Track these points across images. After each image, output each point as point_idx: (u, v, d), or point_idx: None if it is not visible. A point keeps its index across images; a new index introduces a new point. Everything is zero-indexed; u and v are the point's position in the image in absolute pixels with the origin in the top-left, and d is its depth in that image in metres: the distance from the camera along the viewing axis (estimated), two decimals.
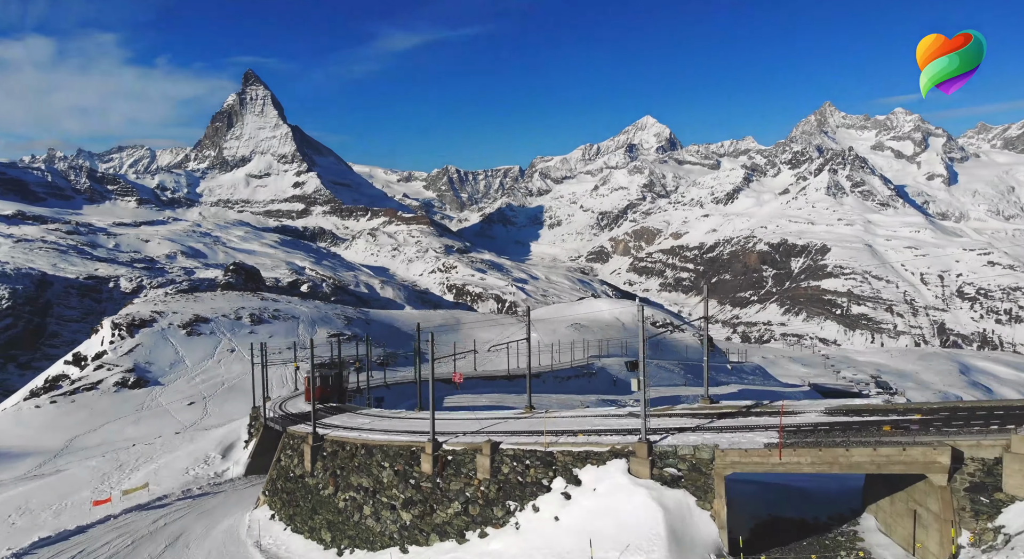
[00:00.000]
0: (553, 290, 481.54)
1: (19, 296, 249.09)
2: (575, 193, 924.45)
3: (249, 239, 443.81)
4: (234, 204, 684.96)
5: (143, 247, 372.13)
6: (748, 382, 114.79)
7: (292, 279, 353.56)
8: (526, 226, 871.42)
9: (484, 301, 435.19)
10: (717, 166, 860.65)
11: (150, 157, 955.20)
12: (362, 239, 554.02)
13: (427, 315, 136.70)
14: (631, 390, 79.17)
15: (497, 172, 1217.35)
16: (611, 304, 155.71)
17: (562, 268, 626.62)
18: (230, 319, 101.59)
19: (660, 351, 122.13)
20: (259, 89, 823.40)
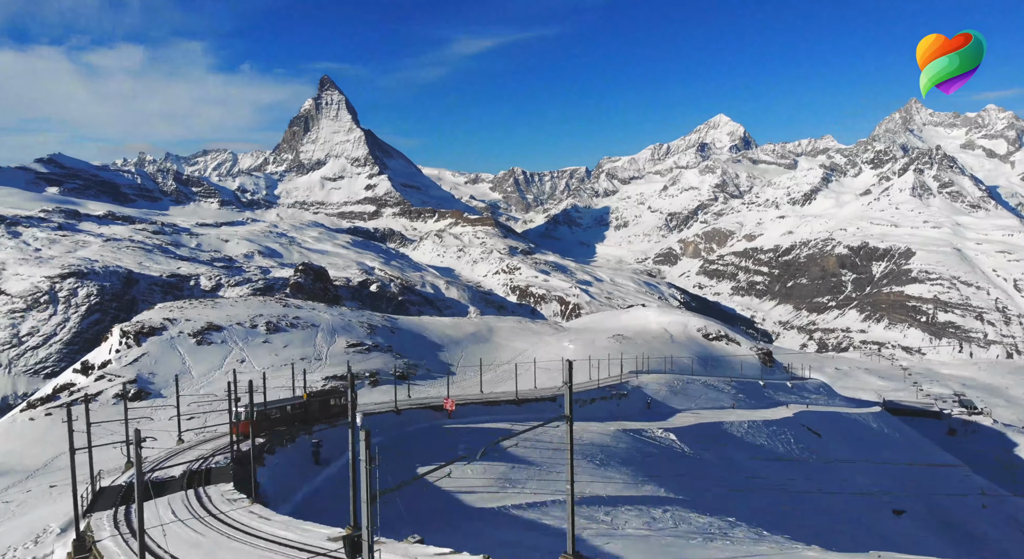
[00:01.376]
0: (618, 292, 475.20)
1: (107, 293, 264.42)
2: (643, 193, 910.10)
3: (323, 240, 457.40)
4: (309, 206, 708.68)
5: (223, 247, 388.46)
6: (810, 402, 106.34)
7: (362, 279, 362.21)
8: (591, 227, 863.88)
9: (547, 303, 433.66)
10: (794, 166, 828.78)
11: (232, 160, 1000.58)
12: (429, 240, 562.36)
13: (458, 323, 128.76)
14: (668, 414, 73.03)
15: (563, 173, 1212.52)
16: (659, 314, 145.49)
17: (628, 270, 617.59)
18: (245, 327, 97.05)
19: (710, 367, 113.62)
20: (334, 94, 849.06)
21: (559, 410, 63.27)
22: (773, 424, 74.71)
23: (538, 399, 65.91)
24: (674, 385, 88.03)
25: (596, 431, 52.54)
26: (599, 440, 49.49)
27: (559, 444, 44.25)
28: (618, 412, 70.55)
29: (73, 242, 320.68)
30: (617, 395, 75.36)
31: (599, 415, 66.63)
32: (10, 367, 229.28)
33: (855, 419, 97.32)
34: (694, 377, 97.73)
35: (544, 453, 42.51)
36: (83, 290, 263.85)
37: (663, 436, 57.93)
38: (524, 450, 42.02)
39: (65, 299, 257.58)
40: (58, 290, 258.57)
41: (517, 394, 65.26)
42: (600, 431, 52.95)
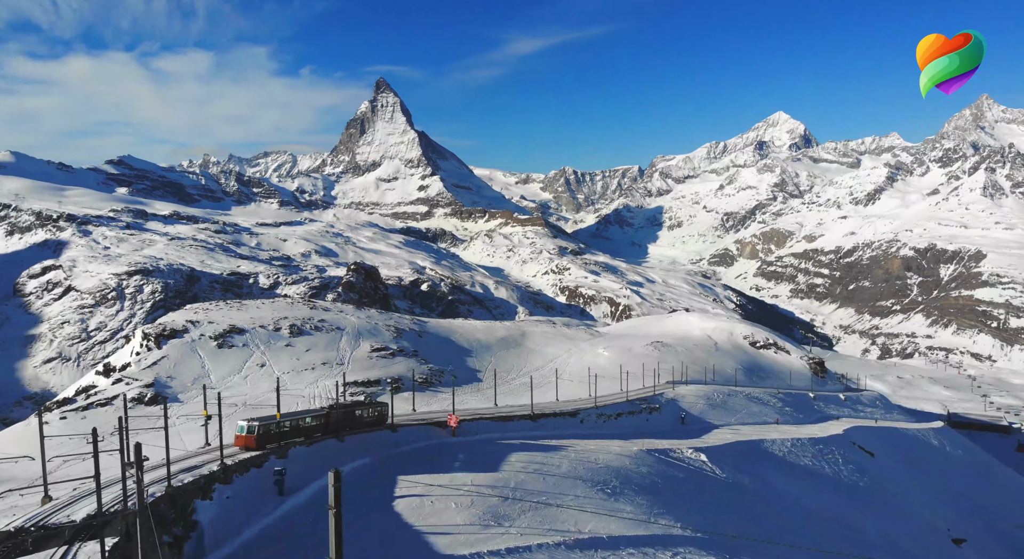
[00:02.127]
0: (670, 294, 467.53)
1: (170, 290, 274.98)
2: (698, 193, 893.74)
3: (376, 240, 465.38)
4: (365, 206, 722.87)
5: (281, 246, 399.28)
6: (865, 415, 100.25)
7: (413, 278, 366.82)
8: (644, 227, 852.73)
9: (597, 304, 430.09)
10: (857, 164, 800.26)
11: (292, 162, 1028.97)
12: (479, 240, 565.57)
13: (490, 327, 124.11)
14: (703, 430, 67.84)
15: (615, 172, 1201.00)
16: (703, 320, 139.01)
17: (681, 271, 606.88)
18: (268, 330, 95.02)
19: (757, 377, 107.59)
20: (389, 96, 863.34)
21: (580, 428, 60.28)
22: (820, 442, 69.25)
23: (557, 414, 61.00)
24: (714, 398, 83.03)
25: (616, 452, 48.03)
26: (617, 463, 45.02)
27: (569, 470, 40.64)
28: (647, 428, 66.18)
29: (140, 241, 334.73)
30: (648, 409, 70.81)
31: (625, 431, 62.24)
32: (78, 361, 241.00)
33: (914, 435, 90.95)
34: (737, 389, 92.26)
35: (549, 481, 37.81)
36: (148, 287, 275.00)
37: (693, 457, 53.53)
38: (526, 477, 37.64)
39: (131, 295, 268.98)
40: (125, 287, 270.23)
41: (533, 409, 60.36)
42: (620, 451, 48.40)
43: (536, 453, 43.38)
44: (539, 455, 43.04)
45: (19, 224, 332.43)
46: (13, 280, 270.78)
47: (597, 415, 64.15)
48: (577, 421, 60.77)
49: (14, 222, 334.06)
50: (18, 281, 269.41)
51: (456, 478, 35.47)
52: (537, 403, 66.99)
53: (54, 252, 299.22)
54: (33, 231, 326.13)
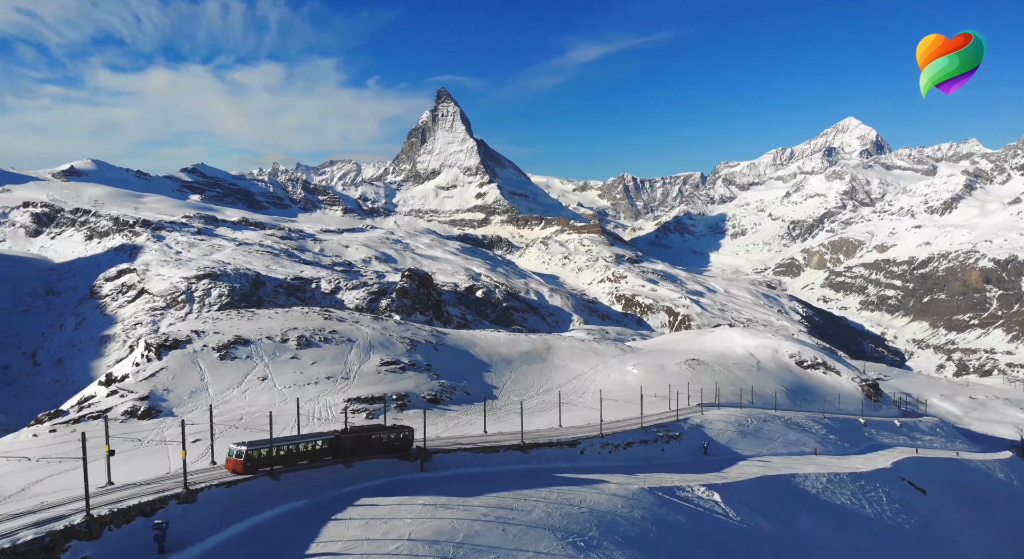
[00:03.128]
0: (732, 304, 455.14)
1: (236, 293, 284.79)
2: (763, 200, 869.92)
3: (434, 246, 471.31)
4: (424, 213, 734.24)
5: (343, 252, 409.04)
6: (923, 444, 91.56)
7: (469, 285, 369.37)
8: (705, 235, 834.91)
9: (654, 313, 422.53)
10: (932, 171, 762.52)
11: (356, 171, 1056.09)
12: (535, 247, 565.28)
13: (513, 340, 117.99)
14: (729, 461, 61.91)
15: (676, 179, 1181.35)
16: (746, 336, 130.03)
17: (744, 281, 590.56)
18: (274, 341, 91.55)
19: (801, 400, 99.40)
20: (450, 106, 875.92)
21: (578, 460, 53.58)
22: (862, 477, 61.85)
23: (553, 444, 53.89)
24: (746, 423, 75.53)
25: (610, 491, 41.72)
26: (605, 505, 38.41)
27: (540, 517, 34.99)
28: (661, 459, 59.40)
29: (209, 246, 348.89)
30: (665, 437, 63.66)
31: (633, 464, 55.64)
32: None
33: (976, 468, 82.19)
34: (776, 413, 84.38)
35: (510, 532, 32.18)
36: (216, 290, 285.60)
37: (704, 496, 46.87)
38: (483, 527, 32.24)
39: (200, 298, 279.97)
40: (194, 290, 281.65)
41: (523, 438, 52.90)
42: (616, 490, 41.93)
43: (509, 493, 37.79)
44: (511, 497, 37.44)
45: (98, 229, 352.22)
46: (91, 283, 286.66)
47: (602, 445, 57.19)
48: (576, 452, 54.02)
49: (93, 227, 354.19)
50: (95, 283, 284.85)
51: (392, 529, 30.55)
52: (537, 429, 61.47)
53: (129, 256, 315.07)
54: (110, 236, 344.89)
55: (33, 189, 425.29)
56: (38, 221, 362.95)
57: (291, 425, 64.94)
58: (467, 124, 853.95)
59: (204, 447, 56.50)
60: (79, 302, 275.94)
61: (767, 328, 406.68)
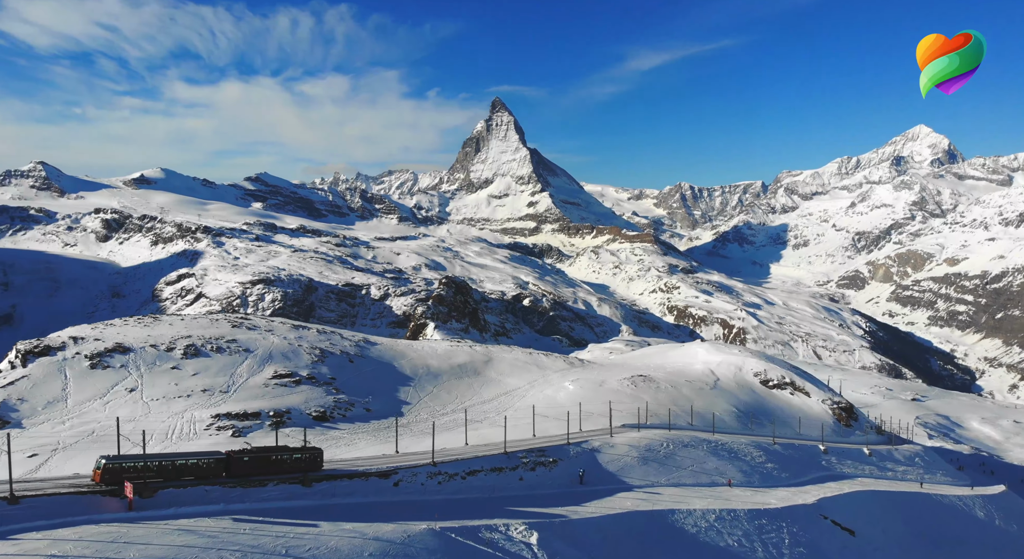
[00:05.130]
0: (791, 317, 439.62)
1: (289, 298, 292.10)
2: (826, 210, 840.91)
3: (483, 254, 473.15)
4: (476, 222, 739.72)
5: (395, 259, 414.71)
6: (895, 475, 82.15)
7: (516, 293, 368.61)
8: (766, 246, 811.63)
9: (708, 325, 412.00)
10: (1008, 182, 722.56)
11: (413, 180, 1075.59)
12: (585, 256, 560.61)
13: (450, 352, 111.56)
14: (607, 492, 54.13)
15: (735, 188, 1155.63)
16: (710, 352, 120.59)
17: (805, 294, 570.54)
18: (158, 350, 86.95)
19: (755, 422, 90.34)
20: (504, 115, 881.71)
21: (387, 494, 45.76)
22: (766, 515, 53.38)
23: (357, 474, 46.63)
24: (658, 448, 67.58)
25: (375, 534, 34.87)
26: (348, 552, 32.08)
27: None
28: (514, 489, 52.14)
29: (266, 252, 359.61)
30: (531, 464, 56.14)
31: (468, 496, 48.64)
32: None
33: (950, 505, 72.07)
34: (709, 436, 76.00)
35: None
36: (269, 295, 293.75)
37: (518, 538, 39.43)
38: None
39: (254, 303, 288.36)
40: (249, 295, 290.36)
41: (304, 470, 44.33)
42: (386, 535, 34.97)
43: (223, 551, 30.43)
44: (204, 540, 31.20)
45: (162, 235, 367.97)
46: (153, 287, 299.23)
47: (431, 474, 49.18)
48: (388, 484, 46.64)
49: (158, 233, 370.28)
50: (156, 287, 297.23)
51: None
52: (417, 451, 54.95)
53: (190, 261, 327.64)
54: (174, 241, 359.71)
55: (105, 196, 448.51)
56: (108, 227, 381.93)
57: (147, 442, 59.81)
58: (520, 133, 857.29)
59: (37, 462, 54.17)
60: (141, 305, 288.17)
61: (827, 342, 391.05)
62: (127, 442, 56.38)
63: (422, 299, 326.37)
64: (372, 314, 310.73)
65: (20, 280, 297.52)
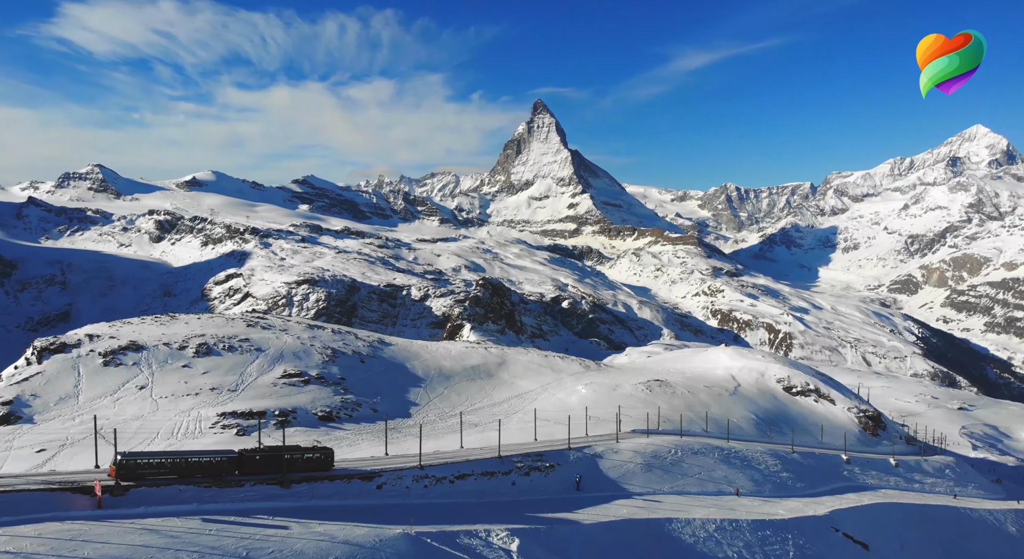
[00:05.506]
0: (840, 323, 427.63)
1: (332, 298, 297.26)
2: (878, 212, 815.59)
3: (522, 256, 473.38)
4: (516, 224, 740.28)
5: (435, 260, 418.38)
6: (923, 487, 78.67)
7: (555, 295, 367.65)
8: (814, 249, 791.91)
9: (753, 330, 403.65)
10: None
11: (455, 182, 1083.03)
12: (626, 259, 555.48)
13: (464, 354, 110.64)
14: (604, 499, 52.43)
15: (783, 189, 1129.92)
16: (732, 357, 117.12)
17: (855, 298, 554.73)
18: (171, 349, 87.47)
19: (774, 430, 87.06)
20: (545, 117, 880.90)
21: (372, 496, 45.14)
22: (771, 526, 50.74)
23: (338, 477, 45.39)
24: (665, 455, 65.22)
25: (346, 538, 34.00)
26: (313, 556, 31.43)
27: None
28: (506, 495, 50.41)
29: (312, 253, 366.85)
30: (526, 469, 54.42)
31: (454, 501, 47.20)
32: None
33: (979, 519, 68.27)
34: (721, 443, 73.40)
35: None
36: (314, 295, 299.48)
37: (498, 545, 38.29)
38: None
39: (299, 303, 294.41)
40: (294, 294, 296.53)
41: (283, 470, 43.14)
42: (356, 538, 34.08)
43: (180, 552, 30.10)
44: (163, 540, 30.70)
45: (212, 236, 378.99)
46: (202, 286, 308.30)
47: (417, 478, 47.79)
48: (371, 487, 45.36)
49: (208, 234, 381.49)
50: (206, 287, 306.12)
51: None
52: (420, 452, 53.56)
53: (239, 262, 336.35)
54: (223, 242, 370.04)
55: (158, 198, 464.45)
56: (161, 228, 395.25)
57: (152, 439, 61.63)
58: (562, 135, 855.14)
59: (44, 458, 55.14)
60: (191, 303, 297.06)
61: (877, 349, 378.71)
62: (123, 439, 58.76)
63: (460, 300, 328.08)
64: (412, 314, 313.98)
65: (77, 279, 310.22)
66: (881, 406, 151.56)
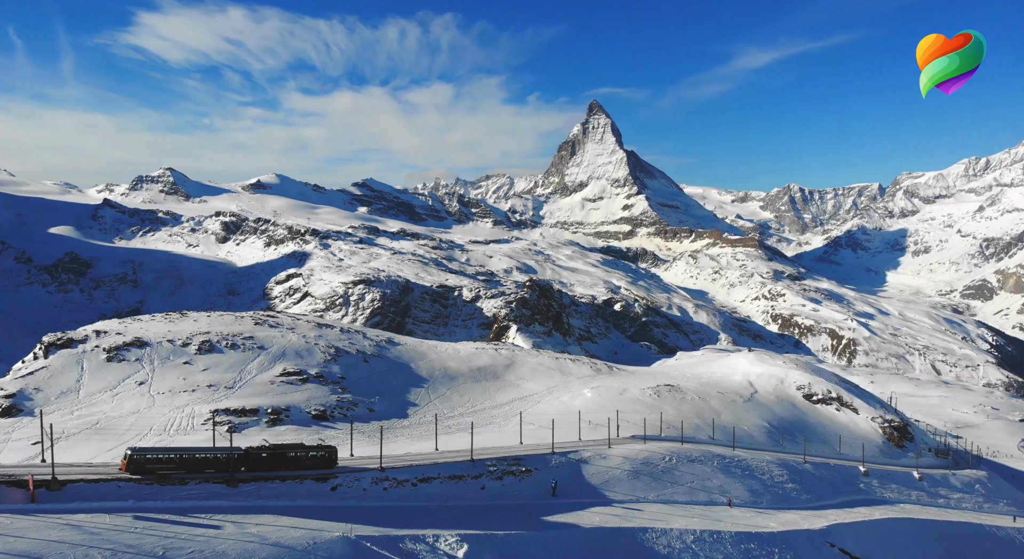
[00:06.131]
0: (907, 329, 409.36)
1: (387, 299, 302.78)
2: (951, 215, 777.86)
3: (575, 258, 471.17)
4: (569, 225, 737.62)
5: (487, 262, 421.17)
6: (948, 503, 73.85)
7: (607, 297, 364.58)
8: (882, 252, 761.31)
9: (815, 335, 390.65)
10: None
11: (509, 184, 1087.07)
12: (682, 261, 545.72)
13: (474, 354, 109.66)
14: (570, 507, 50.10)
15: (850, 190, 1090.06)
16: (755, 363, 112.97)
17: (925, 303, 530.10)
18: (174, 345, 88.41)
19: (788, 438, 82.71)
20: (601, 118, 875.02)
21: (326, 498, 44.26)
22: (756, 539, 48.14)
23: (284, 478, 44.47)
24: (657, 462, 62.44)
25: (277, 539, 33.64)
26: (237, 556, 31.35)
27: None
28: (472, 499, 48.89)
29: (368, 254, 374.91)
30: (499, 473, 52.67)
31: (416, 504, 46.10)
32: None
33: (1005, 537, 63.33)
34: (723, 451, 70.36)
35: None
36: (369, 295, 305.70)
37: (446, 551, 37.49)
38: None
39: (355, 302, 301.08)
40: (350, 294, 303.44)
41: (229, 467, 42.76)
42: (284, 540, 33.73)
43: (92, 549, 29.83)
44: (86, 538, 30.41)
45: (275, 237, 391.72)
46: (264, 285, 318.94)
47: (376, 480, 46.52)
48: (327, 488, 44.75)
49: (271, 235, 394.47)
50: (267, 286, 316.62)
51: None
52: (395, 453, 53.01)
53: (299, 262, 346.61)
54: (285, 243, 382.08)
55: (225, 200, 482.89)
56: (226, 229, 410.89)
57: (144, 434, 62.47)
58: (617, 136, 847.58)
59: (39, 450, 55.79)
60: (253, 302, 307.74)
61: (947, 357, 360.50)
62: (116, 434, 60.62)
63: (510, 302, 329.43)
64: (464, 315, 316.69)
65: (148, 278, 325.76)
66: (935, 417, 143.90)
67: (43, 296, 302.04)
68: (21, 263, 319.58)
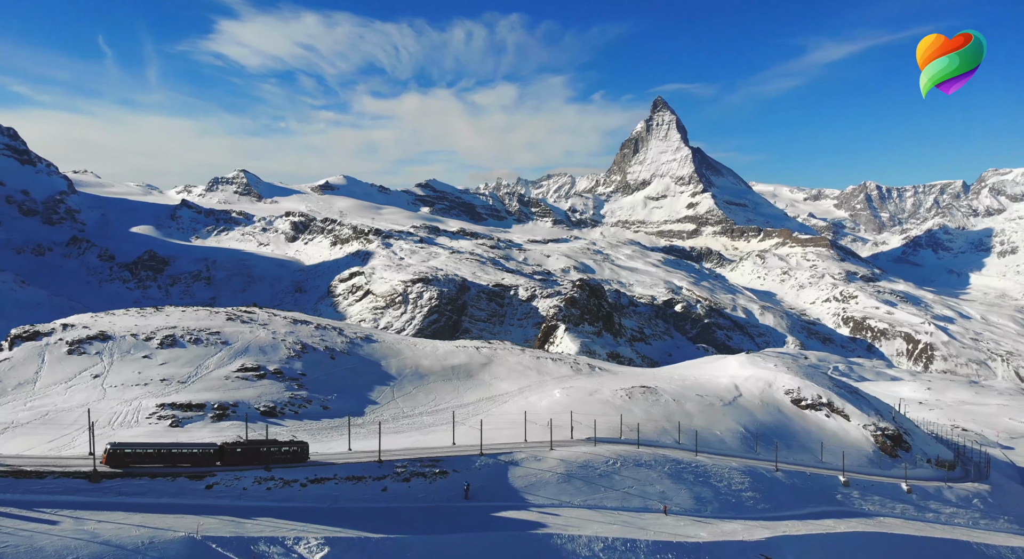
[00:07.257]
0: (989, 333, 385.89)
1: (444, 297, 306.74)
2: None
3: (635, 258, 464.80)
4: (630, 224, 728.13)
5: (544, 261, 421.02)
6: (938, 518, 68.55)
7: (667, 298, 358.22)
8: (965, 252, 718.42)
9: (889, 339, 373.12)
10: None
11: (570, 183, 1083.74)
12: (749, 261, 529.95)
13: (449, 353, 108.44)
14: (496, 508, 48.48)
15: (931, 188, 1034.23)
16: (744, 366, 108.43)
17: (1010, 307, 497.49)
18: (137, 339, 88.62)
19: (763, 445, 78.07)
20: (665, 115, 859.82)
21: (200, 496, 42.79)
22: (675, 550, 45.63)
23: (159, 475, 43.53)
24: (599, 465, 60.35)
25: (92, 534, 32.74)
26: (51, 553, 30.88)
27: None
28: (369, 501, 47.15)
29: (428, 253, 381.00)
30: (410, 474, 51.13)
31: (301, 505, 44.41)
32: None
33: (993, 556, 58.23)
34: (678, 455, 66.66)
35: None
36: (427, 293, 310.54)
37: (300, 554, 36.33)
38: None
39: (413, 300, 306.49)
40: (409, 292, 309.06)
41: (97, 463, 43.44)
42: (114, 538, 32.98)
43: None
44: None
45: (340, 236, 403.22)
46: (329, 283, 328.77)
47: (259, 479, 45.14)
48: (201, 486, 43.32)
49: (337, 235, 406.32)
50: (331, 284, 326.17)
51: None
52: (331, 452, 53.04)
53: (362, 260, 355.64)
54: (349, 242, 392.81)
55: (295, 201, 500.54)
56: (295, 228, 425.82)
57: (85, 427, 61.41)
58: (683, 132, 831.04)
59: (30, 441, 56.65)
60: (318, 299, 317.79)
61: None
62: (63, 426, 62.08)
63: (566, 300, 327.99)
64: (519, 314, 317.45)
65: (220, 275, 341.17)
66: (989, 426, 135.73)
67: (123, 292, 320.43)
68: (104, 260, 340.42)
